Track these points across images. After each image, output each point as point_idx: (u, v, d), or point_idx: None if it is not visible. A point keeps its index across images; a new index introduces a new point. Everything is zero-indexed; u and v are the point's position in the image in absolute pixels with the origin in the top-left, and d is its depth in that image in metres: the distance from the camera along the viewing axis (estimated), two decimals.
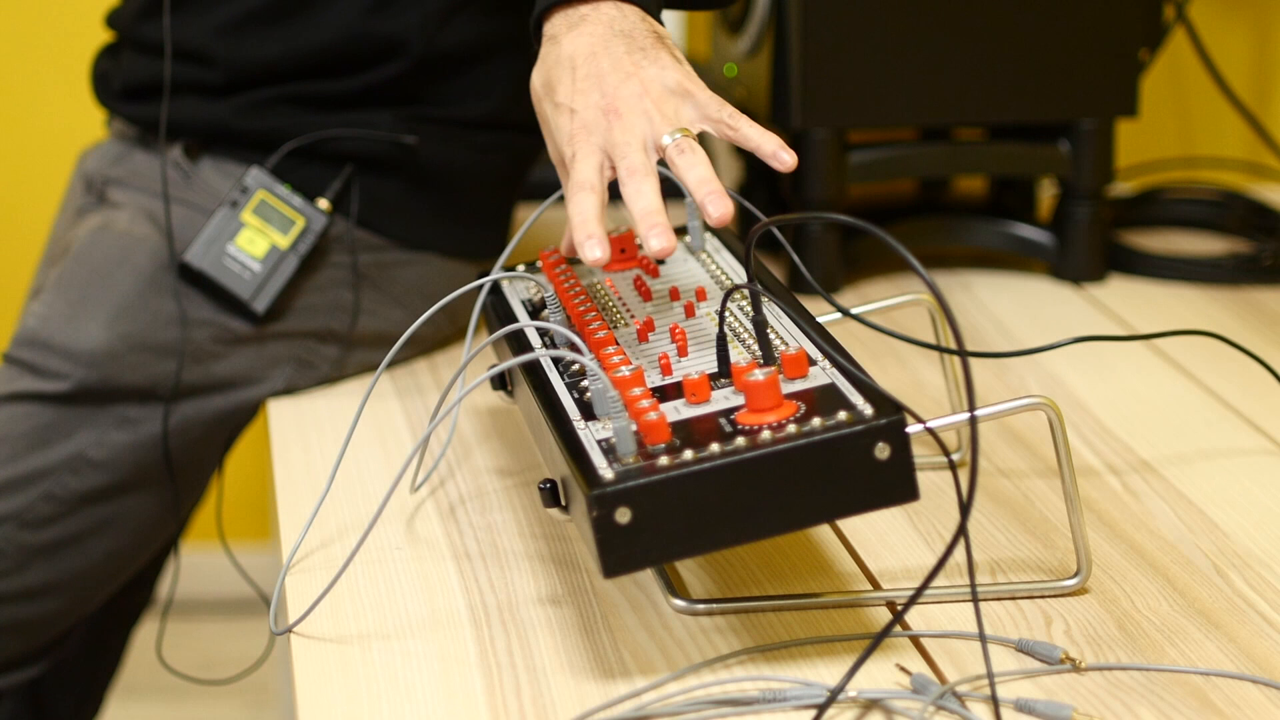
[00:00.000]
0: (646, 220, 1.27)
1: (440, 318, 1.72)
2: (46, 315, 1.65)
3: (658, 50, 1.34)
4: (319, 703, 1.18)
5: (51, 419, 1.64)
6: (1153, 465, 1.51)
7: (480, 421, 1.59)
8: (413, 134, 1.67)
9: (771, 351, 1.26)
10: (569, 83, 1.33)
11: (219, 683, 2.20)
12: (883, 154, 1.93)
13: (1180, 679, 1.19)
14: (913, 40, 1.87)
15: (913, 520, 1.40)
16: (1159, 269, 1.96)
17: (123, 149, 1.74)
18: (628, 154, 1.30)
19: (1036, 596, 1.29)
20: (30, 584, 1.66)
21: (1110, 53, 1.90)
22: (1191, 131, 2.42)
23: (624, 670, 1.20)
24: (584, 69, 1.33)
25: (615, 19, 1.35)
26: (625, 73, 1.32)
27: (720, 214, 1.27)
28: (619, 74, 1.32)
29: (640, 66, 1.32)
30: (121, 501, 1.67)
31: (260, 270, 1.65)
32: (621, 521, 1.13)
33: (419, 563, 1.35)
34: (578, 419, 1.23)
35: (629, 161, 1.29)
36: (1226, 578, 1.33)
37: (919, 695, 1.16)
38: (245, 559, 1.90)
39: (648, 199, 1.28)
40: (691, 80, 1.33)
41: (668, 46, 1.35)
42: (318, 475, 1.52)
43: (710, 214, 1.27)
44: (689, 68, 1.34)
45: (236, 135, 1.68)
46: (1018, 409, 1.24)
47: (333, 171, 1.68)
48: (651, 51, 1.33)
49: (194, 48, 1.67)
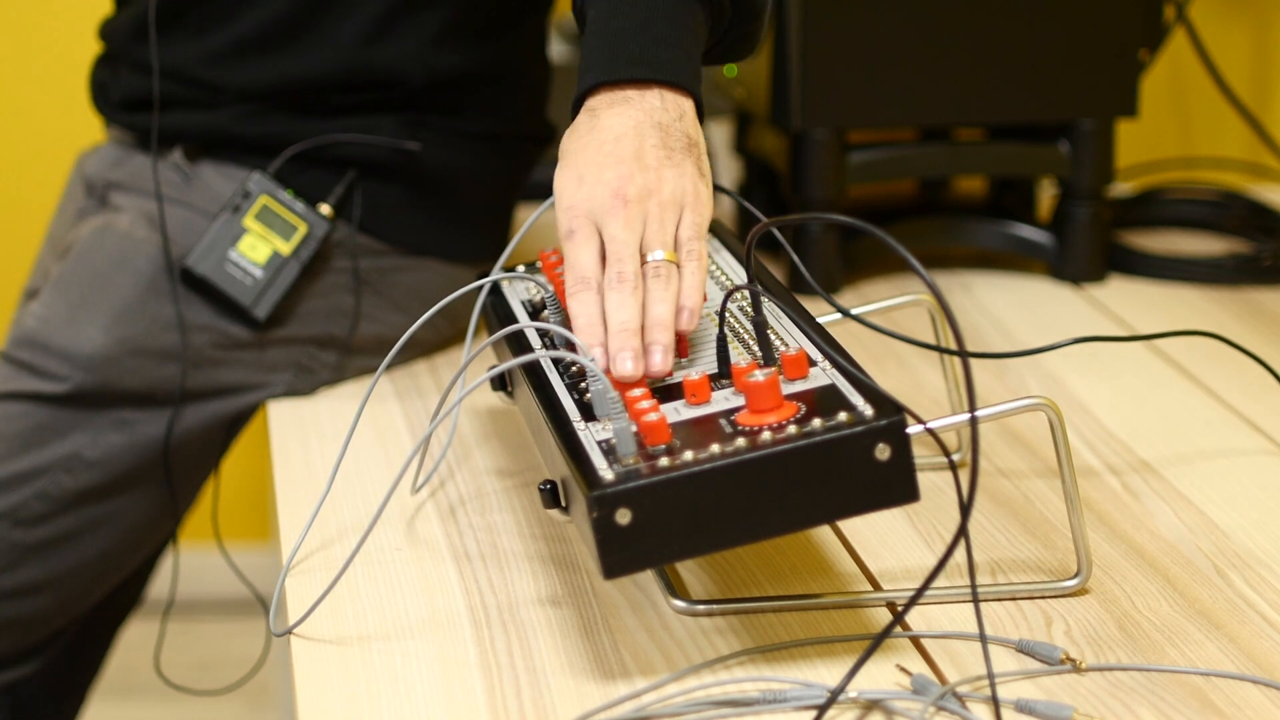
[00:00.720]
0: (622, 337, 1.27)
1: (440, 320, 1.72)
2: (46, 316, 1.65)
3: (685, 155, 1.34)
4: (319, 704, 1.18)
5: (47, 419, 1.64)
6: (1153, 465, 1.51)
7: (480, 422, 1.59)
8: (415, 140, 1.67)
9: (772, 352, 1.26)
10: (592, 153, 1.33)
11: (216, 693, 2.20)
12: (883, 154, 1.93)
13: (1180, 679, 1.19)
14: (913, 40, 1.87)
15: (913, 520, 1.40)
16: (1159, 269, 1.96)
17: (122, 153, 1.74)
18: (622, 258, 1.29)
19: (1037, 597, 1.29)
20: (22, 582, 1.66)
21: (1110, 53, 1.90)
22: (1191, 131, 2.42)
23: (624, 671, 1.20)
24: (610, 146, 1.33)
25: (657, 109, 1.34)
26: (645, 165, 1.32)
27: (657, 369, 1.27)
28: (639, 163, 1.32)
29: (662, 165, 1.33)
30: (115, 501, 1.67)
31: (262, 276, 1.65)
32: (622, 522, 1.13)
33: (419, 564, 1.35)
34: (578, 420, 1.23)
35: (621, 268, 1.29)
36: (1226, 578, 1.33)
37: (919, 696, 1.16)
38: (245, 560, 1.90)
39: (629, 312, 1.27)
40: (696, 197, 1.33)
41: (695, 155, 1.35)
42: (318, 476, 1.52)
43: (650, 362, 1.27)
44: (706, 184, 1.34)
45: (236, 140, 1.68)
46: (1018, 409, 1.24)
47: (335, 176, 1.68)
48: (679, 154, 1.34)
49: (186, 75, 1.67)
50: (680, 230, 1.32)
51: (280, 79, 1.66)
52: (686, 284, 1.30)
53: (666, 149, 1.33)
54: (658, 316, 1.28)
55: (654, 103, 1.34)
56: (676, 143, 1.34)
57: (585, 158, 1.33)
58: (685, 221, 1.32)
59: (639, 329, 1.27)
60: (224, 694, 2.19)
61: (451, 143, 1.69)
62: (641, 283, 1.29)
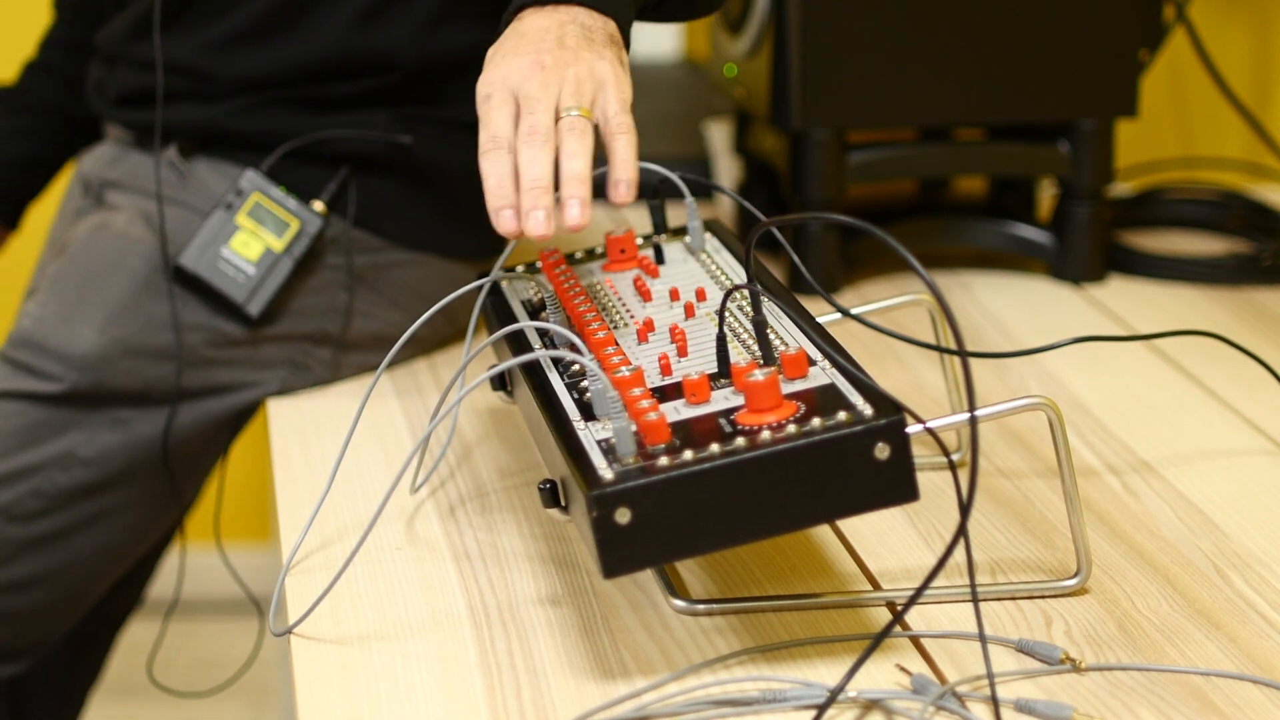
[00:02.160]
0: (533, 194, 1.26)
1: (439, 318, 1.72)
2: (41, 316, 1.65)
3: (605, 46, 1.34)
4: (319, 703, 1.18)
5: (43, 418, 1.64)
6: (1153, 465, 1.51)
7: (480, 422, 1.59)
8: (408, 134, 1.67)
9: (771, 352, 1.26)
10: (512, 41, 1.34)
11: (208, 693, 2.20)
12: (883, 154, 1.93)
13: (1180, 679, 1.19)
14: (913, 40, 1.87)
15: (913, 520, 1.40)
16: (1159, 269, 1.96)
17: (119, 151, 1.74)
18: (535, 110, 1.29)
19: (1036, 596, 1.29)
20: (17, 576, 1.66)
21: (1110, 53, 1.90)
22: (1191, 131, 2.42)
23: (624, 670, 1.20)
24: (531, 35, 1.34)
25: (580, 14, 1.35)
26: (565, 46, 1.33)
27: (574, 222, 1.26)
28: (559, 45, 1.32)
29: (581, 48, 1.33)
30: (110, 498, 1.67)
31: (254, 273, 1.65)
32: (621, 522, 1.13)
33: (419, 563, 1.35)
34: (578, 419, 1.23)
35: (534, 119, 1.28)
36: (1226, 578, 1.33)
37: (919, 695, 1.16)
38: (245, 559, 1.90)
39: (541, 168, 1.27)
40: (617, 79, 1.32)
41: (616, 48, 1.35)
42: (318, 475, 1.52)
43: (566, 217, 1.26)
44: (626, 73, 1.34)
45: (231, 136, 1.68)
46: (1018, 409, 1.24)
47: (329, 173, 1.68)
48: (599, 45, 1.34)
49: (184, 66, 1.68)
50: (605, 105, 1.31)
51: (276, 67, 1.66)
52: (620, 156, 1.29)
53: (588, 39, 1.33)
54: (572, 171, 1.27)
55: (578, 13, 1.35)
56: (598, 36, 1.34)
57: (505, 48, 1.34)
58: (609, 97, 1.31)
59: (550, 185, 1.26)
60: (216, 694, 2.19)
61: (445, 136, 1.69)
62: (554, 138, 1.28)
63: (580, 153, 1.28)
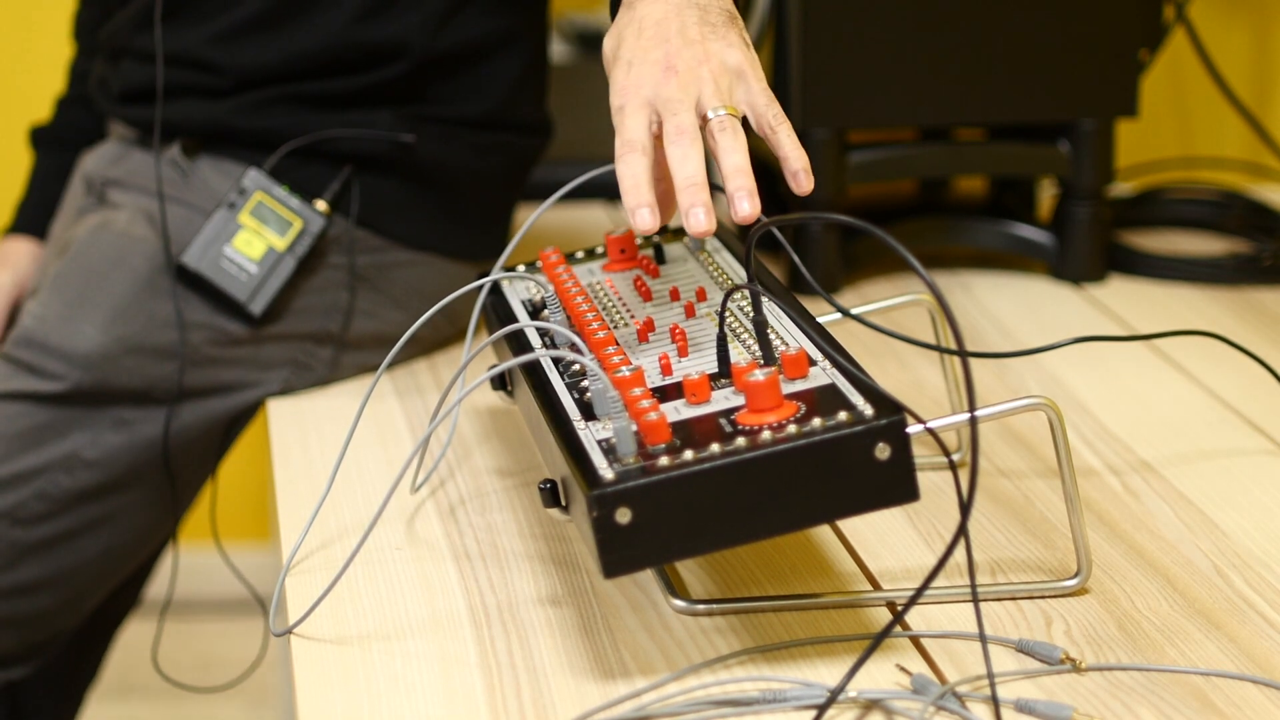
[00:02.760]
0: (690, 191, 1.26)
1: (439, 318, 1.72)
2: (43, 315, 1.65)
3: (728, 28, 1.33)
4: (319, 703, 1.18)
5: (46, 419, 1.64)
6: (1153, 465, 1.51)
7: (480, 421, 1.59)
8: (411, 133, 1.67)
9: (771, 352, 1.26)
10: (634, 40, 1.33)
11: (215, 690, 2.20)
12: (883, 154, 1.93)
13: (1180, 679, 1.19)
14: (913, 40, 1.87)
15: (913, 520, 1.40)
16: (1159, 269, 1.96)
17: (121, 150, 1.74)
18: (678, 112, 1.28)
19: (1036, 597, 1.29)
20: (23, 580, 1.66)
21: (1110, 53, 1.90)
22: (1191, 131, 2.42)
23: (624, 670, 1.20)
24: (650, 30, 1.32)
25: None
26: (690, 39, 1.32)
27: (746, 214, 1.26)
28: (683, 39, 1.32)
29: (707, 39, 1.32)
30: (115, 501, 1.67)
31: (257, 272, 1.65)
32: (621, 522, 1.13)
33: (419, 563, 1.35)
34: (578, 419, 1.23)
35: (678, 120, 1.28)
36: (1226, 578, 1.33)
37: (919, 695, 1.16)
38: (245, 559, 1.90)
39: (694, 165, 1.26)
40: (753, 66, 1.33)
41: (738, 27, 1.34)
42: (318, 475, 1.52)
43: (737, 210, 1.26)
44: (754, 54, 1.34)
45: (235, 134, 1.68)
46: (1018, 409, 1.24)
47: (332, 171, 1.68)
48: (721, 28, 1.33)
49: (192, 57, 1.67)
50: (751, 99, 1.31)
51: (284, 56, 1.66)
52: (788, 146, 1.30)
53: (709, 24, 1.33)
54: (736, 165, 1.27)
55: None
56: (718, 18, 1.33)
57: (628, 46, 1.33)
58: (752, 88, 1.32)
59: (705, 182, 1.26)
60: (222, 692, 2.19)
61: (448, 135, 1.69)
62: (700, 137, 1.28)
63: (737, 148, 1.28)
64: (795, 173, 1.30)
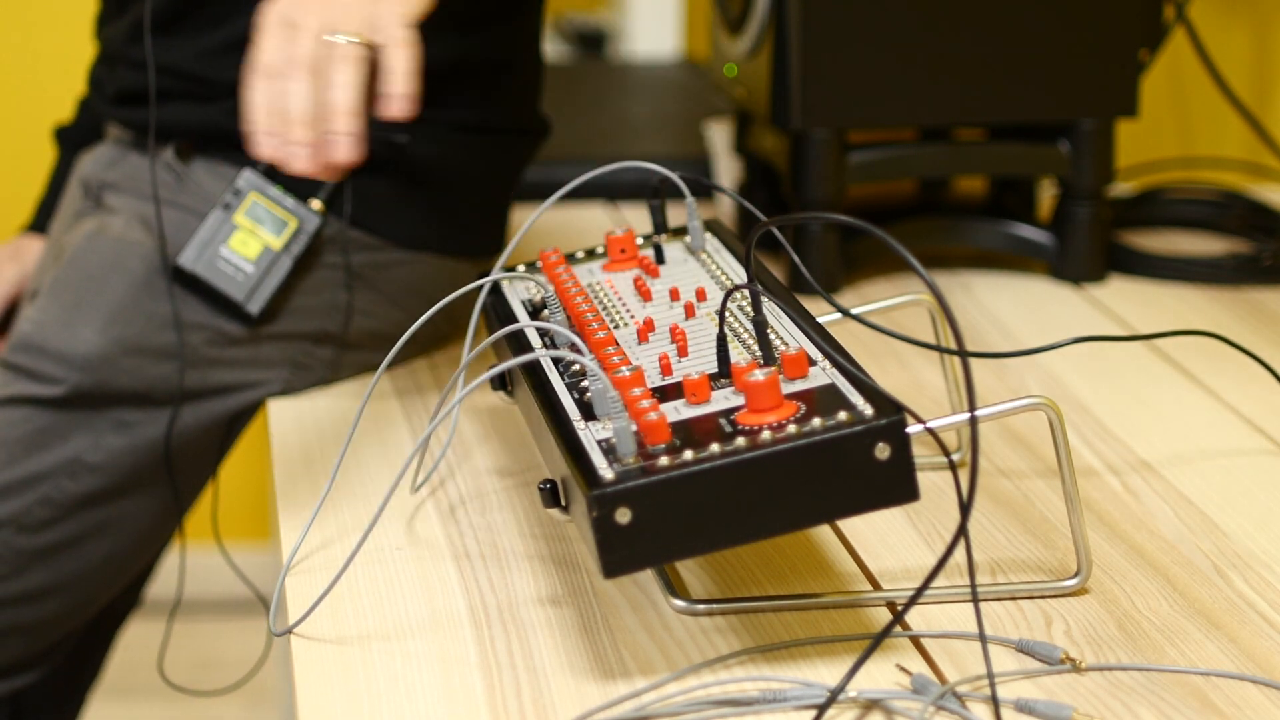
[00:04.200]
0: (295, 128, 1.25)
1: (439, 317, 1.72)
2: (41, 320, 1.65)
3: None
4: (319, 703, 1.18)
5: (47, 423, 1.64)
6: (1153, 465, 1.51)
7: (480, 421, 1.59)
8: (404, 133, 1.67)
9: (771, 351, 1.26)
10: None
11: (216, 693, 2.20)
12: (883, 154, 1.93)
13: (1180, 679, 1.19)
14: (913, 40, 1.87)
15: (913, 520, 1.40)
16: (1159, 269, 1.97)
17: (118, 153, 1.74)
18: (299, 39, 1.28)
19: (1036, 596, 1.29)
20: (29, 587, 1.66)
21: (1110, 53, 1.90)
22: (1191, 131, 2.42)
23: (624, 670, 1.20)
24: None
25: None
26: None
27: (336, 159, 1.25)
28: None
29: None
30: (119, 505, 1.67)
31: (253, 272, 1.65)
32: (621, 522, 1.13)
33: (419, 563, 1.35)
34: (578, 419, 1.23)
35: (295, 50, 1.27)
36: (1226, 578, 1.33)
37: (919, 695, 1.16)
38: (245, 559, 1.90)
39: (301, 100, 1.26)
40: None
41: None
42: (318, 475, 1.52)
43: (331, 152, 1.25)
44: None
45: (229, 135, 1.68)
46: (1018, 409, 1.24)
47: None
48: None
49: (182, 71, 1.68)
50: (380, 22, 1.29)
51: None
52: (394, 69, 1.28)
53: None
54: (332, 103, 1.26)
55: None
56: None
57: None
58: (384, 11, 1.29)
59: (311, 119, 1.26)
60: (225, 694, 2.19)
61: (441, 135, 1.69)
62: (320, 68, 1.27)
63: (343, 84, 1.26)
64: (387, 96, 1.28)
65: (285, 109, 1.25)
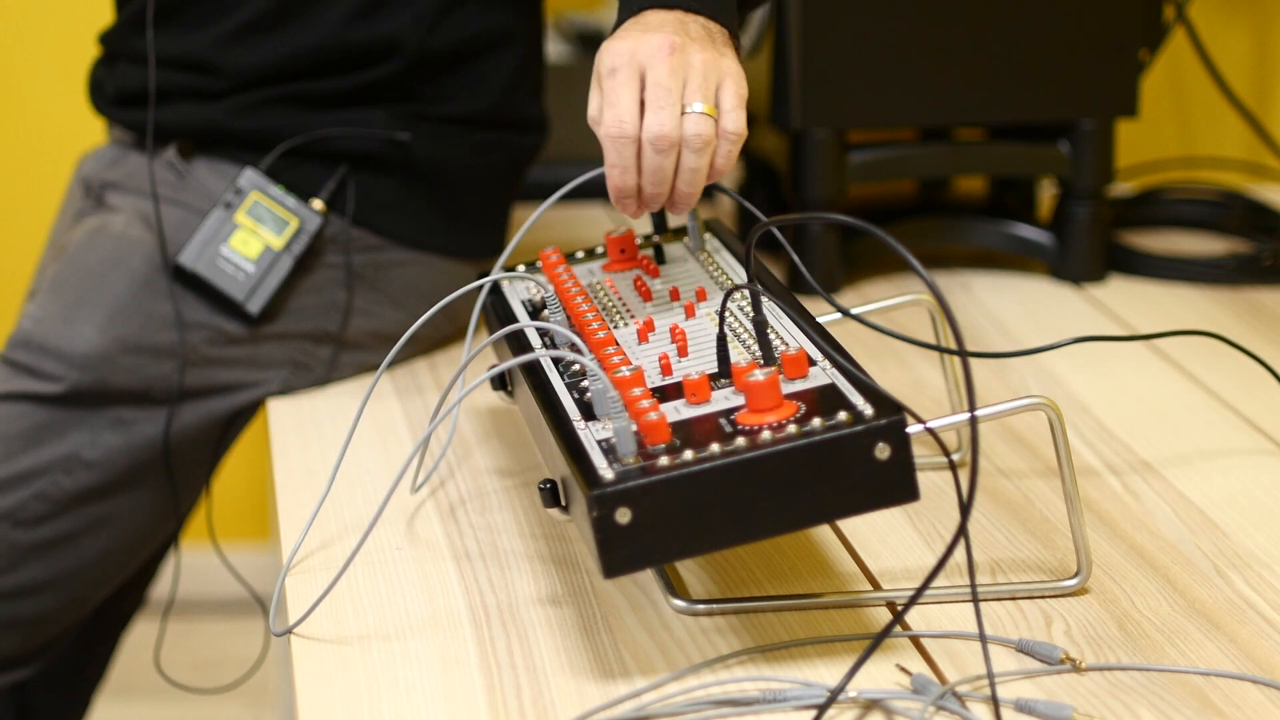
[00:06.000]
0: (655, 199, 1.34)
1: (439, 317, 1.72)
2: (41, 317, 1.65)
3: (725, 46, 1.37)
4: (319, 703, 1.18)
5: (45, 419, 1.64)
6: (1153, 465, 1.51)
7: (480, 421, 1.59)
8: (406, 132, 1.67)
9: (771, 352, 1.26)
10: (636, 30, 1.36)
11: (216, 691, 2.19)
12: (883, 154, 1.93)
13: (1180, 679, 1.19)
14: (913, 40, 1.87)
15: (913, 520, 1.40)
16: (1159, 269, 1.96)
17: (119, 153, 1.75)
18: (664, 105, 1.31)
19: (1036, 596, 1.29)
20: (24, 582, 1.66)
21: (1110, 53, 1.90)
22: (1191, 131, 2.42)
23: (624, 670, 1.20)
24: (653, 25, 1.36)
25: (700, 18, 1.38)
26: (689, 34, 1.35)
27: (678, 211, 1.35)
28: (683, 31, 1.35)
29: (704, 41, 1.36)
30: (115, 501, 1.67)
31: (254, 271, 1.65)
32: (621, 522, 1.13)
33: (419, 563, 1.35)
34: (578, 419, 1.23)
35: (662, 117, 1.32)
36: (1226, 578, 1.33)
37: (919, 695, 1.16)
38: (245, 560, 1.90)
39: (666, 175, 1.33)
40: (739, 76, 1.35)
41: (733, 49, 1.38)
42: (318, 475, 1.52)
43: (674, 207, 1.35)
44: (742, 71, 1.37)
45: (230, 136, 1.68)
46: (1018, 409, 1.24)
47: (327, 171, 1.68)
48: (719, 44, 1.37)
49: (196, 59, 1.68)
50: (721, 98, 1.34)
51: (276, 58, 1.66)
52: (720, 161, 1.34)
53: (709, 38, 1.36)
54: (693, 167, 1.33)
55: (697, 16, 1.38)
56: (718, 37, 1.37)
57: (627, 30, 1.36)
58: (726, 90, 1.34)
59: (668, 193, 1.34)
60: (224, 693, 2.19)
61: (443, 133, 1.69)
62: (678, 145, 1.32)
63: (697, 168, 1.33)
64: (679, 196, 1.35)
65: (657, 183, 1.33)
